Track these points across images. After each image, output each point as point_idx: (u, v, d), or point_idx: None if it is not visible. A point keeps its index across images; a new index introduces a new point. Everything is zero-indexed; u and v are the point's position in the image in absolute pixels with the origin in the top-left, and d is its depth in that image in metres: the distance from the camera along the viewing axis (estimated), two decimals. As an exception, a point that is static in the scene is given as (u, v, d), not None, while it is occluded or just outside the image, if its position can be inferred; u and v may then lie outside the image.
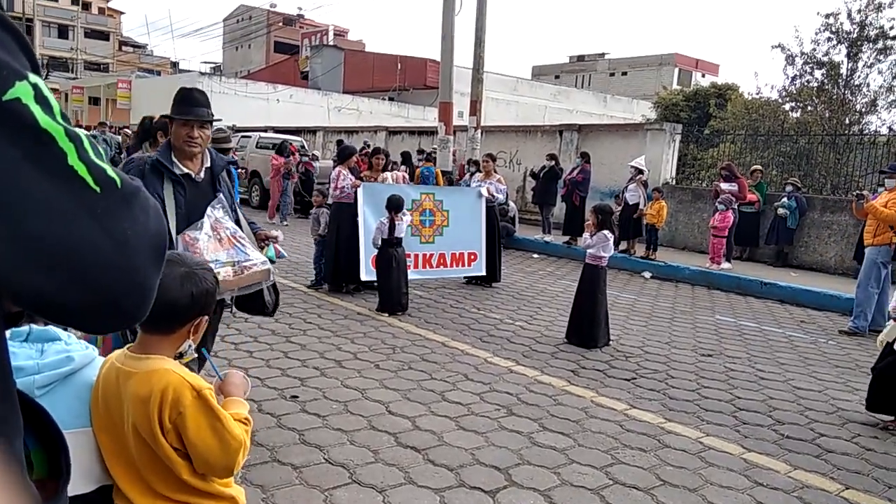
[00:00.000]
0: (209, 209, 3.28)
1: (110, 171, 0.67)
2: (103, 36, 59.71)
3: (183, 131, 3.23)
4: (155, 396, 1.62)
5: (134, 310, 0.70)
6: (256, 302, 3.55)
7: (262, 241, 3.69)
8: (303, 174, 15.26)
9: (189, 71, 45.38)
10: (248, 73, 48.18)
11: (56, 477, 0.86)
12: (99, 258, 0.64)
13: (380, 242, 7.20)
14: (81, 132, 0.65)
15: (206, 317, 1.81)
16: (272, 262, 3.58)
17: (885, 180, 7.56)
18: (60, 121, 0.63)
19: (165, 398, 1.62)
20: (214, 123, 3.45)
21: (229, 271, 3.17)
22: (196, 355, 1.87)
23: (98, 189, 0.64)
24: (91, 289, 0.65)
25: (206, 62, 68.97)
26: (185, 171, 3.29)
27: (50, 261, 0.62)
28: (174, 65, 62.30)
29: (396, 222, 7.15)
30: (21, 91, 0.60)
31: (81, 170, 0.63)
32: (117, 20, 64.01)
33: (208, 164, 3.42)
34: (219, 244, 3.22)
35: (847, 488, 3.68)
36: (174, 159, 3.28)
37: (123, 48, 62.66)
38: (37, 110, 0.61)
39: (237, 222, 3.49)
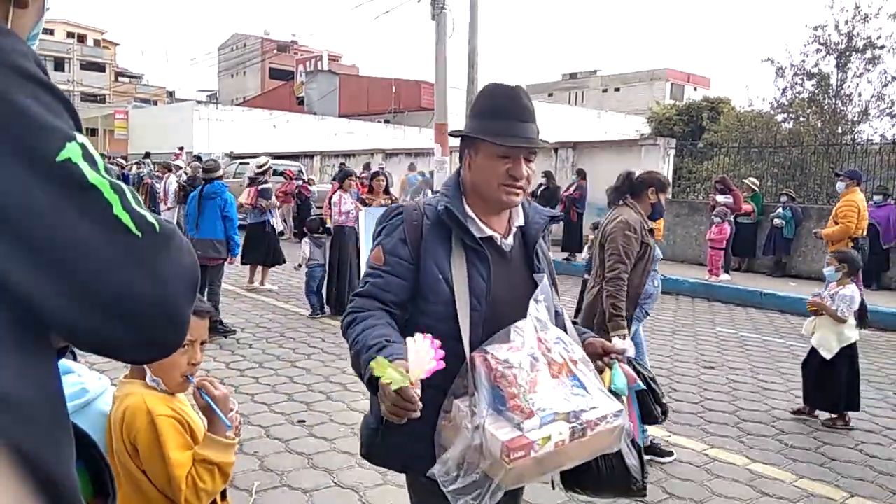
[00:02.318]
0: (532, 305, 1.76)
1: (150, 217, 0.75)
2: (99, 67, 60.18)
3: (502, 166, 1.81)
4: (118, 418, 1.70)
5: (171, 341, 0.78)
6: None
7: (598, 359, 1.89)
8: (299, 198, 15.34)
9: (185, 100, 45.76)
10: (244, 100, 48.57)
11: (104, 496, 0.92)
12: (142, 297, 0.72)
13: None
14: (124, 184, 0.74)
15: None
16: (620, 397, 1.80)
17: (838, 183, 8.46)
18: (105, 175, 0.72)
19: (125, 420, 1.69)
20: (205, 154, 2.96)
21: (565, 431, 1.63)
22: (193, 380, 1.83)
23: (140, 234, 0.72)
24: (135, 325, 0.73)
25: (202, 90, 69.39)
26: (489, 232, 1.88)
27: (100, 302, 0.70)
28: (170, 94, 62.81)
29: None
30: (71, 151, 0.69)
31: (125, 218, 0.72)
32: (113, 51, 64.58)
33: (520, 222, 1.97)
34: (549, 376, 1.68)
35: (852, 496, 3.72)
36: (471, 212, 1.87)
37: (120, 79, 63.15)
38: (85, 167, 0.70)
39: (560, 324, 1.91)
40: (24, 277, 0.67)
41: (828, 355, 4.81)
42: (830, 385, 4.81)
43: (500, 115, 1.81)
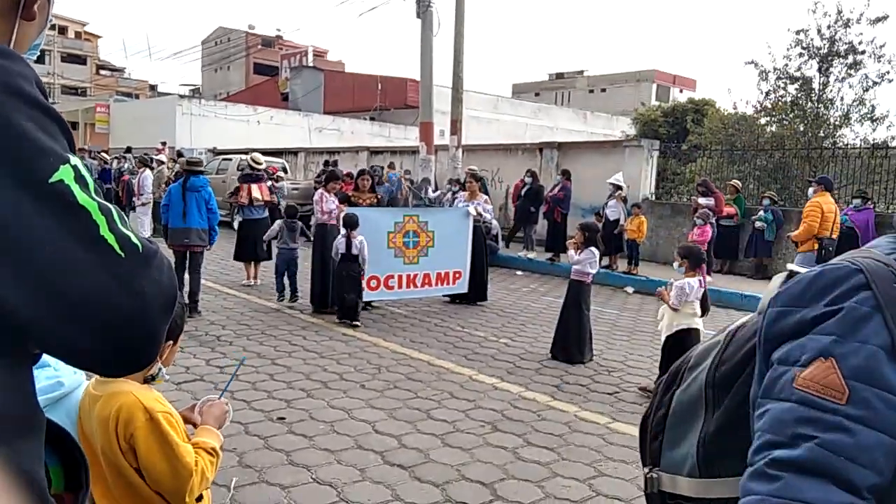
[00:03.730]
0: None
1: (133, 238, 0.78)
2: (80, 60, 59.48)
3: None
4: (112, 417, 1.69)
5: (144, 356, 0.81)
6: None
7: None
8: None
9: (168, 94, 45.37)
10: (228, 96, 48.23)
11: (75, 490, 0.93)
12: (120, 313, 0.75)
13: (339, 257, 7.54)
14: (112, 206, 0.78)
15: (173, 342, 1.87)
16: None
17: (809, 189, 8.88)
18: (95, 196, 0.76)
19: (119, 419, 1.68)
20: (187, 150, 3.08)
21: None
22: (167, 378, 1.90)
23: (123, 254, 0.76)
24: (111, 339, 0.76)
25: (184, 84, 68.88)
26: None
27: (79, 315, 0.73)
28: (153, 88, 62.22)
29: (352, 239, 7.42)
30: (64, 173, 0.73)
31: (111, 238, 0.75)
32: (94, 44, 63.84)
33: None
34: None
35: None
36: None
37: (101, 72, 62.46)
38: (76, 189, 0.74)
39: None
40: (10, 293, 0.70)
41: (662, 336, 5.36)
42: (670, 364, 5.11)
43: None
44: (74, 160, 0.75)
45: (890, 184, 12.76)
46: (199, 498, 1.85)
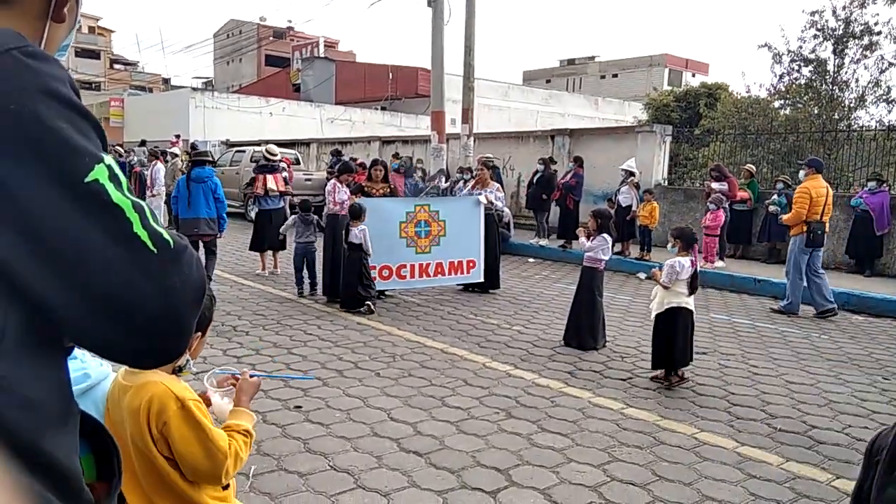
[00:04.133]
0: None
1: (165, 235, 0.81)
2: (94, 55, 59.82)
3: None
4: (143, 407, 1.74)
5: (175, 348, 0.84)
6: None
7: None
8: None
9: (181, 87, 45.55)
10: (240, 88, 48.31)
11: (108, 479, 0.97)
12: (152, 308, 0.78)
13: (347, 247, 7.71)
14: (144, 203, 0.81)
15: (202, 334, 1.93)
16: None
17: (800, 172, 8.93)
18: (128, 195, 0.79)
19: (151, 408, 1.73)
20: (200, 142, 3.10)
21: None
22: (195, 370, 1.96)
23: (155, 251, 0.79)
24: (144, 333, 0.79)
25: (197, 77, 69.02)
26: None
27: (113, 311, 0.76)
28: (166, 81, 62.46)
29: (352, 228, 7.56)
30: (99, 173, 0.76)
31: (143, 235, 0.78)
32: (108, 38, 64.18)
33: None
34: None
35: (838, 478, 3.79)
36: None
37: (115, 66, 62.78)
38: (110, 188, 0.77)
39: None
40: (48, 290, 0.73)
41: (652, 314, 5.54)
42: (665, 346, 5.41)
43: None
44: (108, 159, 0.78)
45: (906, 166, 12.63)
46: (226, 486, 1.91)
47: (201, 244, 8.17)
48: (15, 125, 0.71)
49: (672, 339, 5.37)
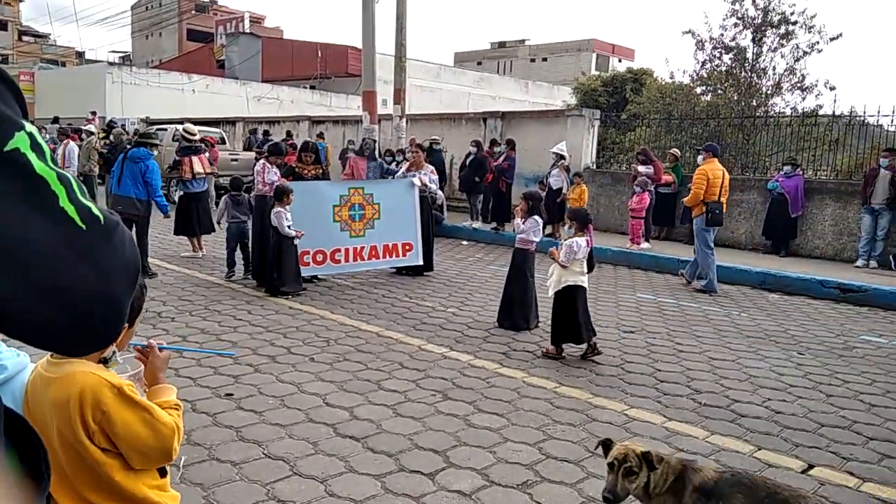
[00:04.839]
0: None
1: (94, 210, 0.74)
2: (1, 26, 56.21)
3: None
4: (74, 400, 1.63)
5: (109, 331, 0.77)
6: None
7: None
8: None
9: (97, 61, 43.38)
10: (160, 63, 46.42)
11: (38, 480, 0.89)
12: (84, 289, 0.71)
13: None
14: (70, 175, 0.73)
15: (129, 325, 1.83)
16: None
17: (698, 157, 9.47)
18: (52, 165, 0.71)
19: (85, 400, 1.63)
20: (119, 119, 3.02)
21: None
22: (121, 361, 1.87)
23: (84, 227, 0.72)
24: (75, 315, 0.72)
25: (114, 51, 65.83)
26: None
27: (42, 292, 0.69)
28: (80, 55, 59.30)
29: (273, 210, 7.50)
30: (20, 141, 0.68)
31: (71, 210, 0.71)
32: (16, 8, 60.28)
33: None
34: None
35: (759, 449, 3.97)
36: None
37: (24, 38, 59.14)
38: (33, 157, 0.68)
39: None
40: None
41: (550, 292, 5.71)
42: (565, 322, 5.60)
43: None
44: (30, 127, 0.70)
45: (818, 151, 13.29)
46: (164, 475, 1.83)
47: (134, 226, 7.90)
48: None
49: (573, 315, 5.55)
